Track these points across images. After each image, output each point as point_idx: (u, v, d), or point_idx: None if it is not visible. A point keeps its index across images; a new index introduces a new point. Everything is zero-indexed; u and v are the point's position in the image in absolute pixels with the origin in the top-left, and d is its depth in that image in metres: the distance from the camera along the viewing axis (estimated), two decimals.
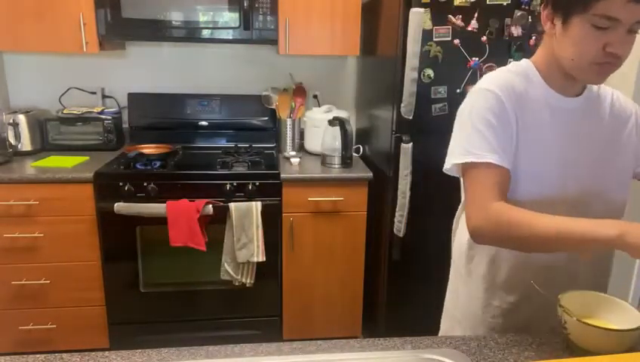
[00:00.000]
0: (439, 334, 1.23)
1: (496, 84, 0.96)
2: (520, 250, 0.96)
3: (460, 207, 1.15)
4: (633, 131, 1.03)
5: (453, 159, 0.98)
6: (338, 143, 2.29)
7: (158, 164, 2.22)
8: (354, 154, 2.38)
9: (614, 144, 1.01)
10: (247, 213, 2.10)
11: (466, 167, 0.96)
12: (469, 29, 1.92)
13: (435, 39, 1.91)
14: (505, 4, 1.91)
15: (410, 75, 1.92)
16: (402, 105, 1.96)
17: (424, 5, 1.86)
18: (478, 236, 0.94)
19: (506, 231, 0.88)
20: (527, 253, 1.00)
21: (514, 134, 0.95)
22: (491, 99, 0.95)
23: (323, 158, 2.36)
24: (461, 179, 1.04)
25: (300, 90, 2.58)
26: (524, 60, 1.02)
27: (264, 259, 2.15)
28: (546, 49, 0.98)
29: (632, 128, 1.03)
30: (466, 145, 0.95)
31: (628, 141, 1.02)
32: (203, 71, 2.68)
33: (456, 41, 1.93)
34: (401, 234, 2.10)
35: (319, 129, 2.40)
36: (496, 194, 0.92)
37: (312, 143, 2.51)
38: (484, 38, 1.94)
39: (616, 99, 1.04)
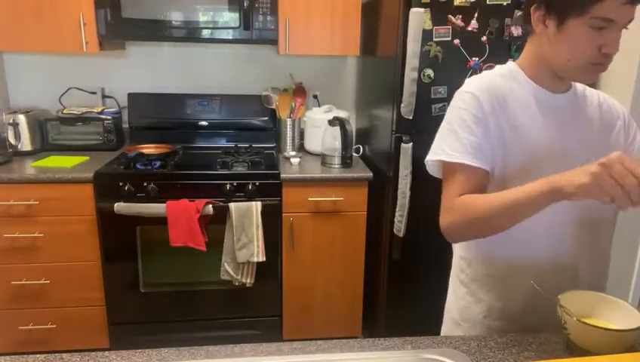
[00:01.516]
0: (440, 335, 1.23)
1: (475, 87, 0.99)
2: (483, 233, 0.96)
3: None
4: (621, 133, 1.04)
5: (429, 156, 1.03)
6: (338, 143, 2.29)
7: (158, 164, 2.22)
8: (354, 154, 2.38)
9: (603, 144, 1.01)
10: (247, 213, 2.10)
11: (444, 167, 1.00)
12: (469, 29, 1.92)
13: (435, 39, 1.91)
14: (505, 4, 1.91)
15: (410, 75, 1.92)
16: (402, 105, 1.96)
17: (424, 5, 1.86)
18: (448, 234, 0.98)
19: (467, 215, 0.92)
20: (525, 254, 1.01)
21: (493, 134, 0.96)
22: (469, 100, 0.98)
23: (323, 158, 2.35)
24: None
25: (299, 90, 2.58)
26: (509, 62, 1.04)
27: (264, 259, 2.15)
28: (533, 49, 0.99)
29: (619, 130, 1.04)
30: (441, 144, 0.99)
31: (616, 142, 1.03)
32: (203, 71, 2.68)
33: (456, 41, 1.93)
34: (401, 234, 2.10)
35: (319, 129, 2.40)
36: (464, 193, 0.95)
37: (312, 143, 2.51)
38: (484, 38, 1.94)
39: (604, 101, 1.06)
